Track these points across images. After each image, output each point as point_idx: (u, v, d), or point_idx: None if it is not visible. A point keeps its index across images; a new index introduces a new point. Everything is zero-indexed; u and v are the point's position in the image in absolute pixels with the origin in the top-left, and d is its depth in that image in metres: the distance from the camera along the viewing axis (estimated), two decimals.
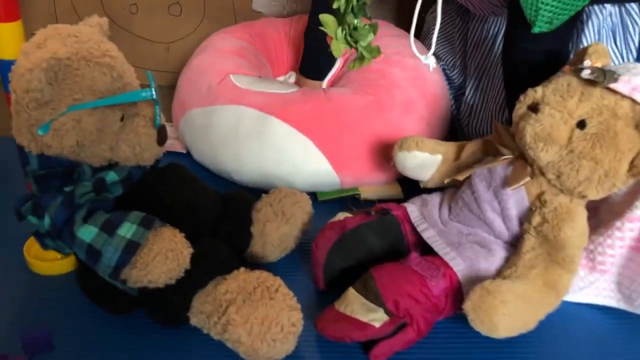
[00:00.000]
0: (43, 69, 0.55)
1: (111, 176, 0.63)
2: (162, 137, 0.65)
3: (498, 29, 0.99)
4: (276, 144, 0.89)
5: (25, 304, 0.71)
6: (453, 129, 1.07)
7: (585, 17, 0.87)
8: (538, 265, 0.65)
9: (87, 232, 0.59)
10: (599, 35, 0.87)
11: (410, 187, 0.86)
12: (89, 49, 0.60)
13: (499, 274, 0.67)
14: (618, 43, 0.88)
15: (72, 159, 0.61)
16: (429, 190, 0.80)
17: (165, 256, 0.60)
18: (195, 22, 1.26)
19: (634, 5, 0.87)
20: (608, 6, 0.87)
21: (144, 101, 0.64)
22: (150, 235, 0.60)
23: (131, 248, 0.59)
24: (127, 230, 0.59)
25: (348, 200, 0.93)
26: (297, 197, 0.78)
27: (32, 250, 0.75)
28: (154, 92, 0.62)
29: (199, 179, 0.73)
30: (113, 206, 0.64)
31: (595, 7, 0.87)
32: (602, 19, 0.87)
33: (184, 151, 1.03)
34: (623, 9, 0.87)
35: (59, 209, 0.60)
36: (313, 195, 0.89)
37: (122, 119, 0.63)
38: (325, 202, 0.92)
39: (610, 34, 0.88)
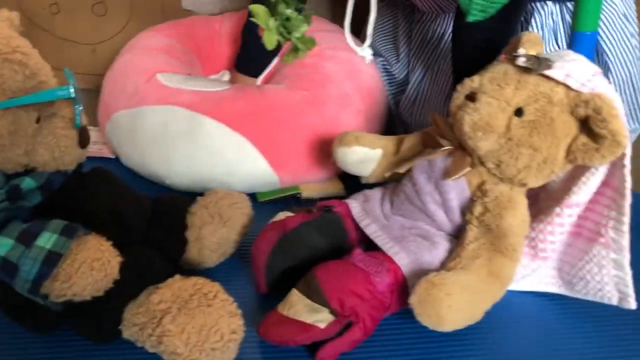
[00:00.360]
0: None
1: (27, 183, 0.57)
2: (83, 138, 0.61)
3: (443, 30, 0.99)
4: (209, 145, 0.85)
5: None
6: (391, 124, 1.07)
7: (528, 15, 0.88)
8: (481, 255, 0.65)
9: (1, 245, 0.54)
10: (542, 32, 0.89)
11: (352, 184, 0.84)
12: None
13: (443, 266, 0.66)
14: (559, 42, 0.90)
15: None
16: (371, 186, 0.79)
17: (90, 266, 0.55)
18: (122, 22, 1.21)
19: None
20: (550, 4, 0.89)
21: (63, 101, 0.59)
22: (73, 245, 0.56)
23: (52, 259, 0.54)
24: (46, 240, 0.55)
25: (289, 200, 0.91)
26: (234, 199, 0.75)
27: None
28: (71, 90, 0.57)
29: (125, 184, 0.69)
30: (31, 216, 0.59)
31: (538, 4, 0.88)
32: (544, 17, 0.88)
33: (112, 156, 0.98)
34: (564, 8, 0.89)
35: None
36: (252, 196, 0.86)
37: (38, 121, 0.58)
38: (265, 203, 0.89)
39: (552, 33, 0.90)
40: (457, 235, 0.69)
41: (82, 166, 0.64)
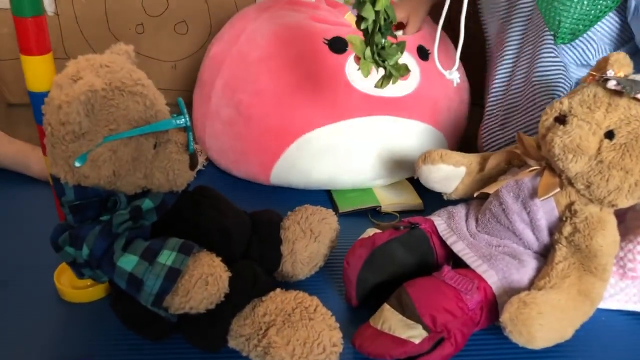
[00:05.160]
0: (81, 102, 0.55)
1: (147, 203, 0.62)
2: (194, 161, 0.66)
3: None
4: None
5: (60, 332, 0.70)
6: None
7: None
8: (571, 274, 0.66)
9: (128, 261, 0.59)
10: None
11: (430, 199, 0.86)
12: (121, 78, 0.60)
13: (533, 284, 0.68)
14: None
15: (107, 189, 0.61)
16: (452, 202, 0.81)
17: (205, 281, 0.60)
18: (202, 39, 1.26)
19: None
20: None
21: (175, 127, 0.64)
22: (189, 262, 0.60)
23: (172, 275, 0.59)
24: (167, 257, 0.59)
25: (368, 212, 0.94)
26: (323, 214, 0.78)
27: (63, 278, 0.75)
28: (187, 119, 0.62)
29: (229, 200, 0.73)
30: (149, 233, 0.64)
31: None
32: None
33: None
34: None
35: (97, 239, 0.60)
36: (333, 207, 0.89)
37: (155, 147, 0.63)
38: (346, 216, 0.92)
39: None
40: (544, 254, 0.71)
41: (189, 186, 0.69)
